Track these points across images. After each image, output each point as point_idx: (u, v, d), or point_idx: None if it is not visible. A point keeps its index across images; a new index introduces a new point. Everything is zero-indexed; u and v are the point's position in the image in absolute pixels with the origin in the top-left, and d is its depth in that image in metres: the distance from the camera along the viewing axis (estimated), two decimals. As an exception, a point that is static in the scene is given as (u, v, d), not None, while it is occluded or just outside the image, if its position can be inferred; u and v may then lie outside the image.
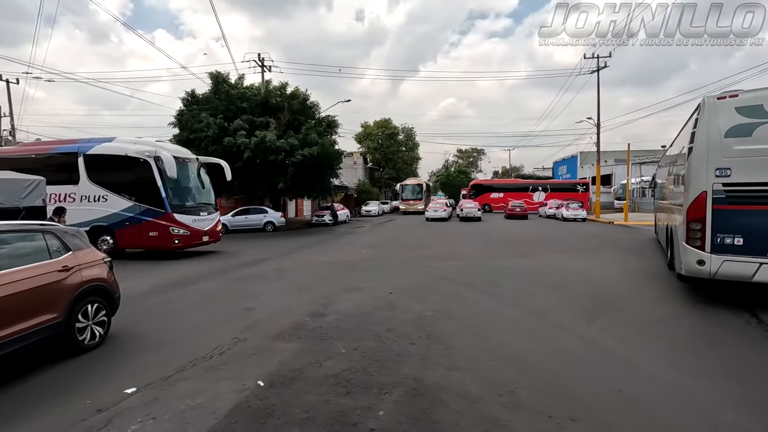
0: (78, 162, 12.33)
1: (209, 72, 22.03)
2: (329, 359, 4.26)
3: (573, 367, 4.08)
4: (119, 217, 12.04)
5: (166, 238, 11.80)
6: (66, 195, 12.39)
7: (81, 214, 12.13)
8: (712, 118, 6.06)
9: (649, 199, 36.85)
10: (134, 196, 12.00)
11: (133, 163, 11.86)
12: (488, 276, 8.94)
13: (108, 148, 12.38)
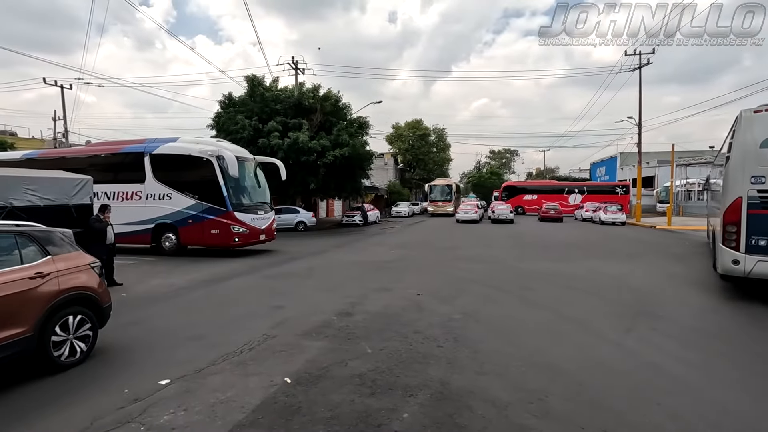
0: (144, 161, 12.72)
1: (245, 75, 22.69)
2: (355, 359, 4.27)
3: (608, 377, 3.90)
4: (182, 215, 12.32)
5: (227, 236, 12.00)
6: (133, 193, 12.81)
7: (146, 212, 12.60)
8: (748, 130, 6.46)
9: (696, 203, 34.97)
10: (197, 194, 12.25)
11: (197, 162, 12.12)
12: (520, 280, 8.72)
13: (172, 147, 12.72)
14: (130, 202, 12.80)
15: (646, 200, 37.98)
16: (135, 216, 12.59)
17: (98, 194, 12.37)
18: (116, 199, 12.77)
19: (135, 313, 6.33)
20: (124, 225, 12.40)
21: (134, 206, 12.68)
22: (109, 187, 12.93)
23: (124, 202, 12.82)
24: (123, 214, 12.32)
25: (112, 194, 12.91)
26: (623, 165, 47.34)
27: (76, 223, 7.80)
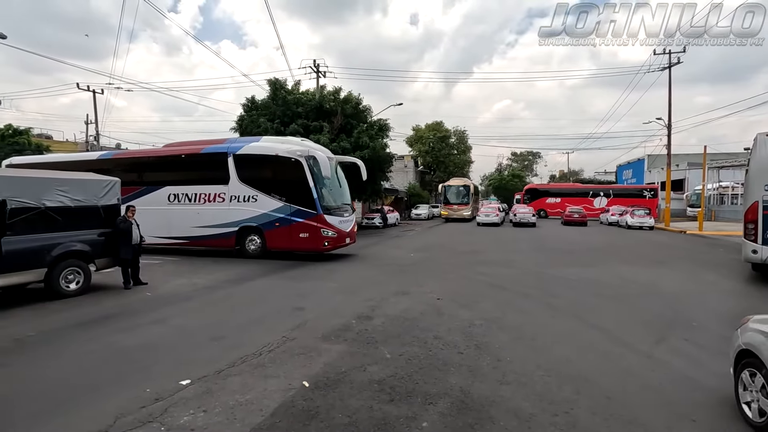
0: (228, 162, 12.25)
1: (268, 79, 23.02)
2: (374, 364, 4.21)
3: (638, 390, 3.72)
4: (269, 218, 11.87)
5: (317, 239, 11.53)
6: (216, 195, 12.41)
7: (230, 214, 12.24)
8: (762, 149, 8.21)
9: (729, 207, 33.56)
10: (284, 196, 11.77)
11: (284, 163, 11.64)
12: (544, 285, 8.50)
13: (258, 147, 12.36)
14: (213, 204, 12.46)
15: (676, 204, 36.70)
16: (218, 218, 12.36)
17: (179, 196, 12.76)
18: (198, 201, 12.60)
19: (159, 312, 6.46)
20: (207, 228, 12.43)
21: (217, 208, 12.39)
22: (190, 189, 12.71)
23: (206, 204, 12.54)
24: (205, 216, 12.40)
25: (193, 196, 12.66)
26: (651, 167, 45.88)
27: (104, 223, 8.05)
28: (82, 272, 7.57)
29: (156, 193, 13.03)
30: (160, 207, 12.78)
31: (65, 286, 7.32)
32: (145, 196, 12.99)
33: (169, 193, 12.91)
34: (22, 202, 6.88)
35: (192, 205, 12.64)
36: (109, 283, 8.40)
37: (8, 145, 32.76)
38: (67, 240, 7.42)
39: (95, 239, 7.84)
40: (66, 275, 7.34)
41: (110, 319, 6.04)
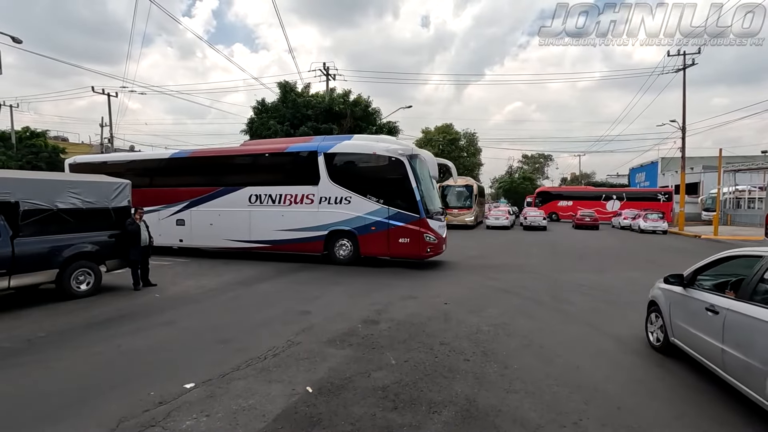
0: (318, 161, 11.38)
1: (278, 82, 23.23)
2: (379, 370, 4.16)
3: (650, 401, 3.61)
4: (364, 221, 10.99)
5: (420, 245, 10.65)
6: (303, 196, 11.58)
7: (319, 217, 11.40)
8: None
9: (746, 211, 32.82)
10: (382, 198, 10.87)
11: (383, 162, 10.85)
12: (555, 290, 8.36)
13: (352, 146, 11.52)
14: (299, 205, 11.62)
15: (690, 208, 36.03)
16: (305, 221, 11.55)
17: (261, 197, 12.00)
18: (282, 203, 11.82)
19: (167, 314, 6.49)
20: (292, 231, 11.74)
21: (304, 210, 11.55)
22: (274, 190, 11.93)
23: (292, 205, 11.71)
24: (290, 219, 11.66)
25: (277, 197, 11.89)
26: (665, 171, 45.13)
27: (115, 225, 8.14)
28: (92, 273, 7.66)
29: (235, 194, 12.34)
30: (239, 209, 12.23)
31: (76, 287, 7.41)
32: (223, 198, 12.47)
33: (251, 194, 12.14)
34: (34, 203, 6.99)
35: (276, 207, 11.89)
36: (119, 284, 8.49)
37: (25, 147, 33.47)
38: (79, 241, 7.51)
39: (106, 240, 7.93)
40: (77, 276, 7.44)
41: (119, 321, 6.09)
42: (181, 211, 12.98)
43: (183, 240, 13.08)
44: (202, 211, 12.71)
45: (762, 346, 3.08)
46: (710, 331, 3.77)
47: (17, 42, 17.28)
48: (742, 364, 3.28)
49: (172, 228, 13.04)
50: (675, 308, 4.53)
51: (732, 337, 3.46)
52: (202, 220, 12.67)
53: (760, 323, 3.14)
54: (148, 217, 12.71)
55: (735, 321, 3.45)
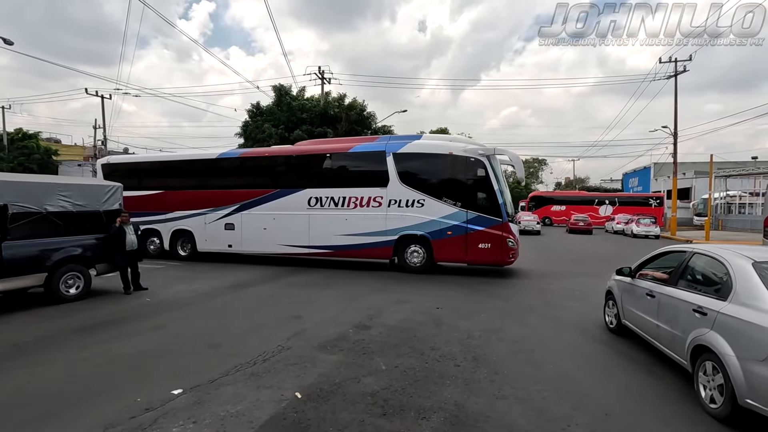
0: (387, 162, 10.75)
1: (273, 85, 23.24)
2: (369, 375, 4.15)
3: (639, 407, 3.63)
4: (439, 225, 10.40)
5: (502, 251, 10.11)
6: (370, 199, 10.89)
7: (388, 221, 10.75)
8: None
9: (737, 216, 33.19)
10: (459, 200, 10.31)
11: (461, 163, 10.30)
12: (548, 296, 8.39)
13: (424, 146, 10.94)
14: (366, 209, 10.93)
15: (682, 213, 36.37)
16: (371, 225, 10.88)
17: (321, 200, 11.29)
18: (346, 206, 11.12)
19: (157, 319, 6.44)
20: (357, 236, 11.05)
21: (371, 214, 10.87)
22: (337, 192, 11.21)
23: (357, 208, 11.02)
24: (355, 223, 10.99)
25: (340, 200, 11.15)
26: (657, 176, 45.56)
27: (105, 229, 8.08)
28: (82, 277, 7.59)
29: (293, 197, 11.58)
30: (297, 212, 11.52)
31: (65, 291, 7.34)
32: (278, 200, 11.72)
33: (310, 196, 11.41)
34: (24, 206, 6.91)
35: (338, 211, 11.15)
36: (109, 288, 8.42)
37: (17, 149, 33.17)
38: (68, 245, 7.45)
39: (96, 244, 7.86)
40: (66, 280, 7.36)
41: (108, 325, 6.03)
42: (230, 214, 12.26)
43: (232, 245, 12.30)
44: (254, 214, 11.98)
45: (683, 320, 3.97)
46: (649, 312, 4.68)
47: (8, 43, 17.15)
48: (670, 335, 4.18)
49: (220, 233, 12.36)
50: (625, 295, 5.41)
51: (663, 315, 4.37)
52: (254, 224, 11.95)
53: (682, 303, 4.03)
54: (191, 221, 12.74)
55: (665, 302, 4.37)
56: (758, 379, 3.03)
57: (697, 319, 3.72)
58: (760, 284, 3.38)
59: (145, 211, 12.89)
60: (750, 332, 3.17)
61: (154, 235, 13.16)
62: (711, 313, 3.59)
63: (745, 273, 3.56)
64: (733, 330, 3.33)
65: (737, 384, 3.15)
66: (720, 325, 3.45)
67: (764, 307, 3.21)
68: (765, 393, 2.99)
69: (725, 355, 3.29)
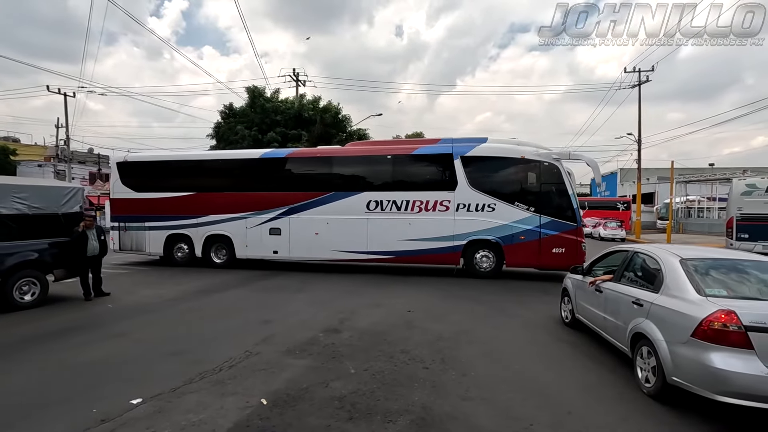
0: (454, 165, 10.54)
1: (246, 87, 22.87)
2: (337, 379, 4.12)
3: (598, 405, 3.73)
4: (511, 230, 10.27)
5: (577, 255, 9.82)
6: (437, 203, 10.64)
7: (456, 225, 10.54)
8: (736, 187, 14.51)
9: (696, 220, 34.84)
10: (532, 205, 10.24)
11: (534, 167, 10.25)
12: (519, 297, 8.54)
13: (494, 149, 10.67)
14: (431, 213, 10.67)
15: (647, 217, 37.85)
16: (438, 230, 10.64)
17: (382, 203, 10.89)
18: (410, 210, 10.78)
19: (119, 325, 6.20)
20: (422, 241, 10.75)
21: (438, 218, 10.63)
22: (399, 195, 10.86)
23: (421, 213, 10.72)
24: (420, 228, 10.70)
25: (403, 203, 10.80)
26: (624, 181, 47.34)
27: (64, 232, 7.73)
28: (38, 283, 7.23)
29: (349, 200, 11.08)
30: (354, 216, 11.02)
31: (19, 298, 6.98)
32: (332, 204, 11.18)
33: (369, 200, 10.98)
34: (-26, 209, 6.54)
35: (401, 215, 10.80)
36: (69, 295, 8.05)
37: (-30, 148, 31.40)
38: (24, 249, 7.09)
39: (54, 248, 7.51)
40: (21, 286, 7.00)
41: (65, 333, 5.76)
42: (276, 218, 11.52)
43: (278, 251, 11.58)
44: (304, 218, 11.31)
45: (624, 311, 4.44)
46: (597, 306, 5.18)
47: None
48: (614, 325, 4.66)
49: (264, 238, 11.59)
50: (578, 292, 5.95)
51: (609, 308, 4.86)
52: (304, 228, 11.28)
53: (623, 296, 4.53)
54: (229, 225, 11.86)
55: (610, 296, 4.87)
56: (681, 359, 3.48)
57: (636, 310, 4.21)
58: (685, 278, 3.87)
59: (172, 215, 12.13)
60: (675, 319, 3.64)
61: (182, 241, 12.23)
62: (646, 304, 4.06)
63: (673, 269, 4.05)
64: (663, 318, 3.80)
65: (666, 364, 3.60)
66: (653, 314, 3.92)
67: (687, 297, 3.69)
68: (686, 370, 3.43)
69: (656, 340, 3.75)
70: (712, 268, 4.05)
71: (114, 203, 12.90)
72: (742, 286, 3.83)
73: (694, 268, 3.97)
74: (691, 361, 3.38)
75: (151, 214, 12.24)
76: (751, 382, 3.08)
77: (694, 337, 3.37)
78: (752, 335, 3.16)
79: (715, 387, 3.21)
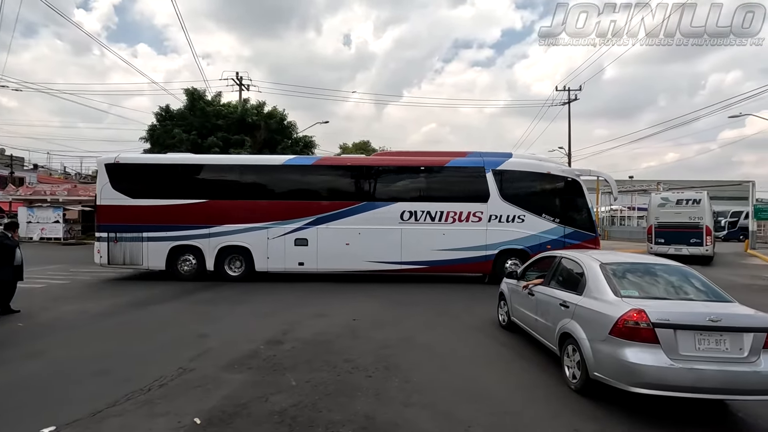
0: (486, 178, 11.01)
1: (185, 88, 21.82)
2: (278, 393, 3.99)
3: (532, 404, 3.94)
4: (539, 240, 10.82)
5: None
6: (470, 213, 10.97)
7: (488, 235, 10.93)
8: (653, 200, 17.94)
9: (619, 228, 38.09)
10: (557, 217, 10.96)
11: (559, 182, 11.08)
12: (463, 301, 8.80)
13: (522, 164, 11.36)
14: (465, 223, 10.94)
15: (577, 225, 40.61)
16: (471, 240, 10.90)
17: (416, 214, 10.94)
18: (444, 220, 10.97)
19: (34, 345, 5.60)
20: (455, 251, 10.92)
21: (471, 228, 10.94)
22: (435, 206, 11.03)
23: (455, 223, 10.96)
24: (453, 238, 10.86)
25: (437, 214, 10.98)
26: (557, 191, 50.46)
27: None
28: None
29: (382, 210, 11.02)
30: (388, 227, 10.96)
31: None
32: (364, 214, 11.01)
33: (403, 210, 11.01)
34: None
35: (436, 225, 10.97)
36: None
37: None
38: None
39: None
40: None
41: (-36, 357, 5.09)
42: (302, 228, 11.01)
43: (304, 263, 11.07)
44: (334, 228, 10.99)
45: (553, 313, 4.75)
46: (530, 308, 5.48)
47: None
48: (545, 326, 4.97)
49: (289, 249, 11.00)
50: (513, 295, 6.25)
51: (540, 310, 5.18)
52: (334, 239, 10.94)
53: (552, 299, 4.86)
54: (248, 235, 10.93)
55: (541, 299, 5.19)
56: (601, 355, 3.78)
57: (563, 311, 4.53)
58: (604, 281, 4.23)
59: (176, 225, 10.96)
60: (595, 318, 3.96)
61: (190, 253, 11.10)
62: (571, 306, 4.39)
63: (594, 272, 4.41)
64: (585, 317, 4.12)
65: (588, 360, 3.90)
66: (577, 315, 4.25)
67: (605, 298, 4.05)
68: (606, 366, 3.72)
69: (580, 339, 4.06)
70: (628, 271, 4.47)
71: (102, 211, 11.06)
72: (653, 287, 4.25)
73: (612, 272, 4.34)
74: (609, 356, 3.68)
75: (151, 224, 10.91)
76: (658, 373, 3.41)
77: (612, 334, 3.68)
78: (658, 331, 3.51)
79: (629, 379, 3.52)
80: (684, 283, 4.30)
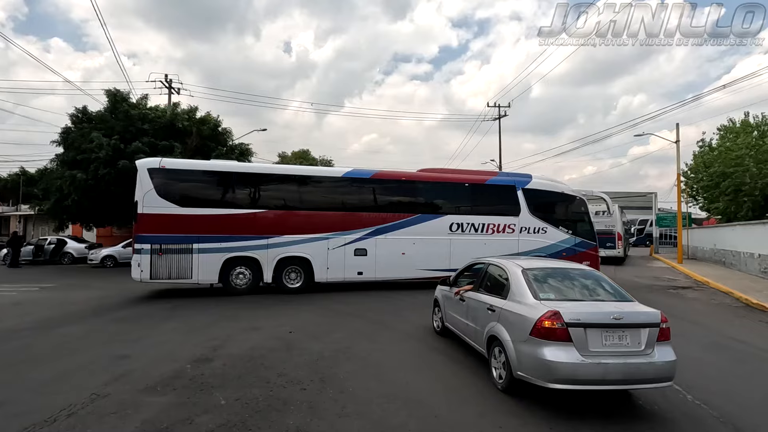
0: (517, 195, 12.64)
1: (106, 89, 20.19)
2: (204, 413, 3.79)
3: (460, 406, 4.11)
4: (557, 248, 12.58)
5: (596, 266, 11.96)
6: (505, 226, 12.53)
7: (519, 245, 12.43)
8: None
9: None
10: (569, 229, 12.93)
11: (570, 200, 13.26)
12: (400, 311, 8.91)
13: (543, 184, 13.15)
14: (501, 234, 12.47)
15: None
16: (505, 248, 11.87)
17: (462, 225, 12.28)
18: (485, 232, 12.42)
19: None
20: None
21: (506, 239, 12.42)
22: (477, 219, 12.42)
23: (494, 234, 12.44)
24: (492, 247, 11.77)
25: (480, 226, 12.40)
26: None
27: None
28: None
29: (434, 222, 12.16)
30: (439, 237, 12.12)
31: None
32: (418, 225, 12.01)
33: (452, 222, 12.26)
34: None
35: (478, 236, 12.34)
36: None
37: None
38: None
39: None
40: None
41: None
42: (362, 239, 11.54)
43: (363, 272, 11.59)
44: (391, 239, 11.76)
45: (481, 317, 5.02)
46: (461, 313, 5.73)
47: None
48: (474, 330, 5.23)
49: (348, 259, 11.40)
50: (446, 302, 6.49)
51: (470, 315, 5.42)
52: (391, 249, 11.73)
53: (480, 303, 5.14)
54: (308, 246, 11.05)
55: (471, 304, 5.45)
56: (523, 355, 4.05)
57: (490, 315, 4.79)
58: (525, 285, 4.54)
59: (231, 235, 10.55)
60: (517, 320, 4.24)
61: (245, 264, 10.72)
62: (497, 310, 4.67)
63: (516, 277, 4.73)
64: (509, 320, 4.40)
65: (512, 361, 4.16)
66: (503, 318, 4.53)
67: (526, 302, 4.34)
68: (527, 365, 3.99)
69: (505, 341, 4.33)
70: (548, 276, 4.84)
71: (145, 220, 10.11)
72: (569, 290, 4.64)
73: (534, 277, 4.68)
74: (530, 356, 3.96)
75: (203, 234, 10.31)
76: (571, 369, 3.73)
77: (532, 335, 3.97)
78: (571, 330, 3.84)
79: (547, 376, 3.81)
80: (596, 286, 4.75)
